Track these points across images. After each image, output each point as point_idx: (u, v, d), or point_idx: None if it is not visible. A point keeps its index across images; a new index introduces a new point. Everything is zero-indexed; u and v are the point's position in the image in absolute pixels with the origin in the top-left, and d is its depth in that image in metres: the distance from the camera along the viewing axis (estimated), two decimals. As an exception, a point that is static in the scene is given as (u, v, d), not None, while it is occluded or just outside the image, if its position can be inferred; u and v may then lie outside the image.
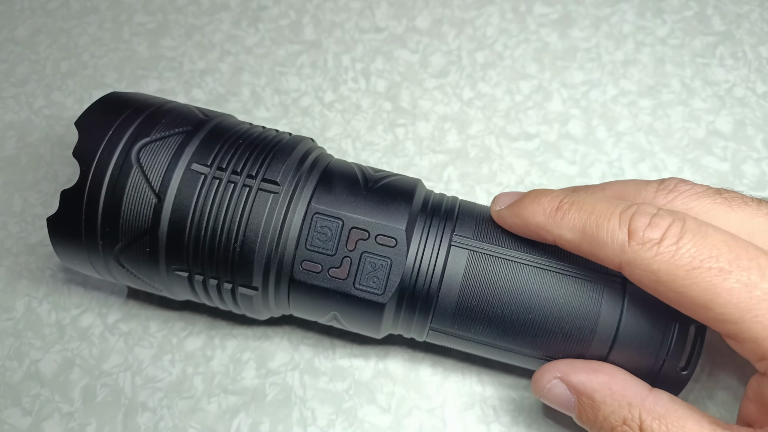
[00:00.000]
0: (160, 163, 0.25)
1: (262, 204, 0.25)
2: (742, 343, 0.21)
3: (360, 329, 0.27)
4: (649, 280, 0.22)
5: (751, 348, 0.21)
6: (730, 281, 0.20)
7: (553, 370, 0.25)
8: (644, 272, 0.21)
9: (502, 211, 0.26)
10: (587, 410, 0.24)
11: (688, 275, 0.21)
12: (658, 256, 0.21)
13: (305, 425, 0.29)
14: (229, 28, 0.40)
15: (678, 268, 0.21)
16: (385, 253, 0.25)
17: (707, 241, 0.21)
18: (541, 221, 0.24)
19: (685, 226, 0.21)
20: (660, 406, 0.22)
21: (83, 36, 0.40)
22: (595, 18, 0.40)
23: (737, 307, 0.20)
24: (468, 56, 0.39)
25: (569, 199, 0.24)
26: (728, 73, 0.38)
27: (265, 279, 0.25)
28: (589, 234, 0.23)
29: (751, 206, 0.24)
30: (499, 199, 0.26)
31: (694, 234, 0.21)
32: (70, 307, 0.32)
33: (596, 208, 0.23)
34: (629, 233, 0.22)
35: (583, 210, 0.23)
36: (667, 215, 0.22)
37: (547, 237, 0.24)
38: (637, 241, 0.21)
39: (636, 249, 0.21)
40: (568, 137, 0.36)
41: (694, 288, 0.21)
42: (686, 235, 0.21)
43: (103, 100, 0.27)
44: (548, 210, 0.24)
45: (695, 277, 0.21)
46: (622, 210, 0.22)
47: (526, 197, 0.25)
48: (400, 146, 0.36)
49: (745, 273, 0.20)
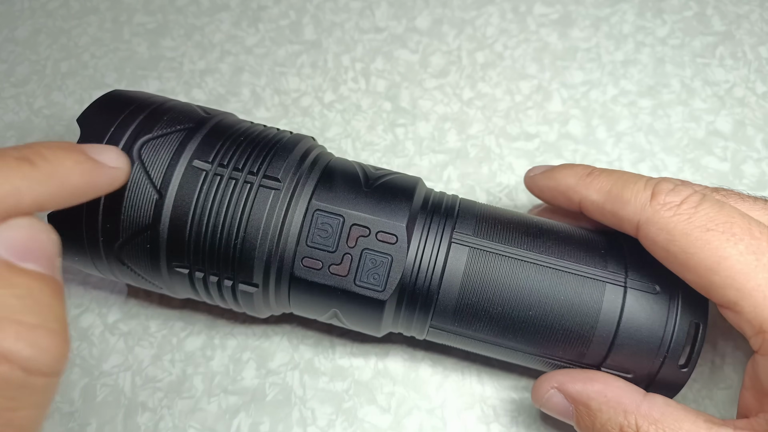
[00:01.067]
0: (161, 160, 0.25)
1: (263, 201, 0.25)
2: (740, 314, 0.22)
3: (360, 327, 0.27)
4: (663, 239, 0.23)
5: (749, 319, 0.21)
6: (740, 246, 0.21)
7: (550, 381, 0.26)
8: (660, 230, 0.23)
9: (535, 176, 0.28)
10: (585, 418, 0.24)
11: (701, 236, 0.22)
12: (676, 216, 0.23)
13: (305, 425, 0.29)
14: (229, 29, 0.40)
15: (694, 228, 0.22)
16: (385, 250, 0.25)
17: (723, 210, 0.22)
18: (572, 182, 0.26)
19: (704, 197, 0.23)
20: (655, 411, 0.23)
21: (83, 36, 0.40)
22: (595, 18, 0.40)
23: (742, 272, 0.21)
24: (468, 56, 0.39)
25: (601, 168, 0.26)
26: (728, 73, 0.38)
27: (265, 276, 0.25)
28: (614, 194, 0.24)
29: (748, 202, 0.25)
30: (533, 168, 0.29)
31: (712, 204, 0.23)
32: (70, 307, 0.32)
33: (625, 174, 0.25)
34: (653, 194, 0.23)
35: (612, 175, 0.25)
36: (690, 187, 0.24)
37: (574, 198, 0.26)
38: (659, 201, 0.23)
39: (657, 208, 0.23)
40: (568, 137, 0.36)
41: (705, 248, 0.22)
42: (705, 203, 0.23)
43: (105, 98, 0.27)
44: (581, 173, 0.26)
45: (708, 237, 0.22)
46: (649, 178, 0.25)
47: (561, 165, 0.28)
48: (400, 146, 0.36)
49: (755, 242, 0.22)
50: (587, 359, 0.25)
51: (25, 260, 0.18)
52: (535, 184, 0.28)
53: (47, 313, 0.17)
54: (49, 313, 0.17)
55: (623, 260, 0.25)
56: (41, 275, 0.18)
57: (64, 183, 0.19)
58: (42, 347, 0.17)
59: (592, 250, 0.25)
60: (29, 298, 0.17)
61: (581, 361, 0.25)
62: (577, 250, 0.25)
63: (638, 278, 0.25)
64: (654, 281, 0.24)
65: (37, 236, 0.18)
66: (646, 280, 0.25)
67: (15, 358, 0.16)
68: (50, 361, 0.17)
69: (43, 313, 0.17)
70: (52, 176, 0.19)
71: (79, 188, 0.20)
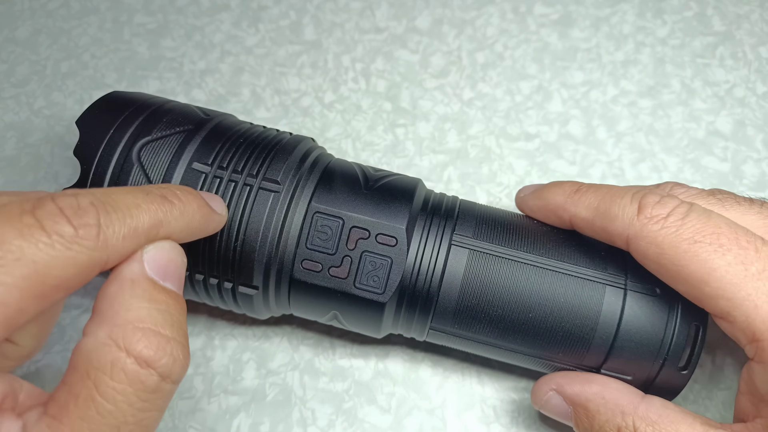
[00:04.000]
0: (161, 162, 0.25)
1: (263, 203, 0.25)
2: (734, 324, 0.22)
3: (360, 329, 0.27)
4: (653, 253, 0.23)
5: (742, 328, 0.21)
6: (728, 257, 0.21)
7: (549, 383, 0.26)
8: (649, 244, 0.23)
9: (525, 196, 0.28)
10: (583, 420, 0.24)
11: (689, 248, 0.22)
12: (663, 229, 0.22)
13: (305, 425, 0.29)
14: (229, 29, 0.40)
15: (681, 240, 0.22)
16: (385, 252, 0.25)
17: (710, 221, 0.22)
18: (561, 201, 0.26)
19: (691, 208, 0.23)
20: (652, 412, 0.23)
21: (83, 36, 0.40)
22: (595, 18, 0.40)
23: (731, 283, 0.21)
24: (468, 56, 0.39)
25: (588, 184, 0.26)
26: (728, 73, 0.38)
27: (265, 278, 0.25)
28: (602, 210, 0.24)
29: (743, 205, 0.25)
30: (523, 189, 0.29)
31: (699, 215, 0.23)
32: (70, 307, 0.32)
33: (612, 189, 0.25)
34: (639, 208, 0.23)
35: (599, 191, 0.25)
36: (676, 198, 0.24)
37: (564, 216, 0.26)
38: (645, 215, 0.23)
39: (644, 222, 0.23)
40: (569, 137, 0.36)
41: (694, 261, 0.22)
42: (691, 214, 0.23)
43: (104, 100, 0.27)
44: (568, 191, 0.26)
45: (696, 250, 0.22)
46: (635, 191, 0.24)
47: (549, 183, 0.28)
48: (400, 146, 0.36)
49: (743, 252, 0.22)
50: (587, 361, 0.25)
51: (165, 279, 0.20)
52: (525, 204, 0.28)
53: (179, 328, 0.20)
54: (180, 328, 0.20)
55: (623, 262, 0.25)
56: (176, 294, 0.20)
57: (189, 222, 0.22)
58: (175, 357, 0.19)
59: (592, 253, 0.25)
60: (167, 313, 0.19)
61: (581, 363, 0.25)
62: (577, 253, 0.25)
63: (638, 280, 0.25)
64: (654, 283, 0.24)
65: (175, 259, 0.21)
66: (647, 283, 0.25)
67: (156, 365, 0.18)
68: (179, 370, 0.19)
69: (177, 328, 0.19)
70: (183, 215, 0.21)
71: (198, 228, 0.22)
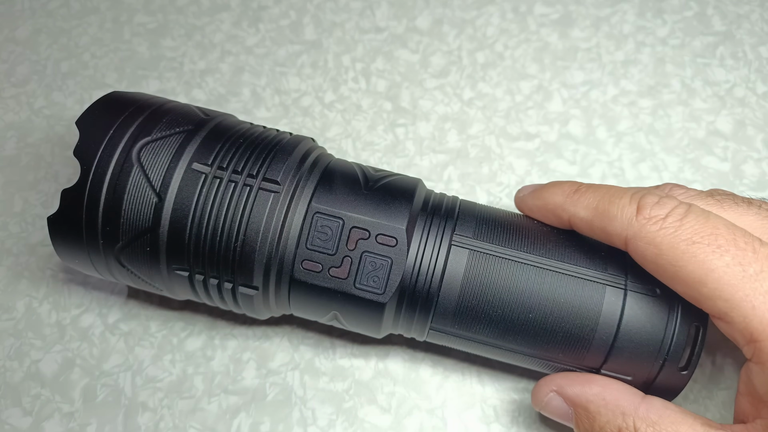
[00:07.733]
0: (160, 163, 0.25)
1: (263, 203, 0.25)
2: (732, 324, 0.22)
3: (360, 329, 0.27)
4: (651, 253, 0.23)
5: (740, 329, 0.21)
6: (726, 258, 0.21)
7: (549, 384, 0.26)
8: (648, 245, 0.23)
9: (524, 196, 0.28)
10: (584, 421, 0.24)
11: (687, 249, 0.22)
12: (662, 230, 0.23)
13: (305, 425, 0.29)
14: (229, 29, 0.40)
15: (679, 241, 0.22)
16: (385, 252, 0.25)
17: (708, 222, 0.22)
18: (560, 201, 0.26)
19: (689, 209, 0.23)
20: (653, 413, 0.23)
21: (84, 36, 0.40)
22: (595, 18, 0.40)
23: (729, 284, 0.21)
24: (468, 56, 0.39)
25: (587, 184, 0.26)
26: (728, 73, 0.38)
27: (265, 278, 0.25)
28: (601, 210, 0.24)
29: (742, 206, 0.25)
30: (522, 189, 0.29)
31: (697, 216, 0.23)
32: (70, 307, 0.32)
33: (610, 189, 0.25)
34: (638, 208, 0.23)
35: (598, 191, 0.25)
36: (674, 199, 0.24)
37: (563, 216, 0.26)
38: (644, 215, 0.23)
39: (642, 223, 0.23)
40: (569, 137, 0.36)
41: (692, 261, 0.22)
42: (690, 215, 0.23)
43: (104, 100, 0.27)
44: (567, 191, 0.26)
45: (694, 251, 0.22)
46: (634, 192, 0.24)
47: (548, 183, 0.28)
48: (400, 146, 0.36)
49: (741, 252, 0.22)
50: (587, 362, 0.25)
51: None
52: (524, 204, 0.28)
53: None
54: None
55: (623, 263, 0.25)
56: None
57: None
58: None
59: (593, 253, 0.25)
60: None
61: (581, 364, 0.25)
62: (578, 253, 0.25)
63: (639, 281, 0.25)
64: (655, 284, 0.24)
65: None
66: (647, 283, 0.25)
67: None
68: None
69: None
70: None
71: None
